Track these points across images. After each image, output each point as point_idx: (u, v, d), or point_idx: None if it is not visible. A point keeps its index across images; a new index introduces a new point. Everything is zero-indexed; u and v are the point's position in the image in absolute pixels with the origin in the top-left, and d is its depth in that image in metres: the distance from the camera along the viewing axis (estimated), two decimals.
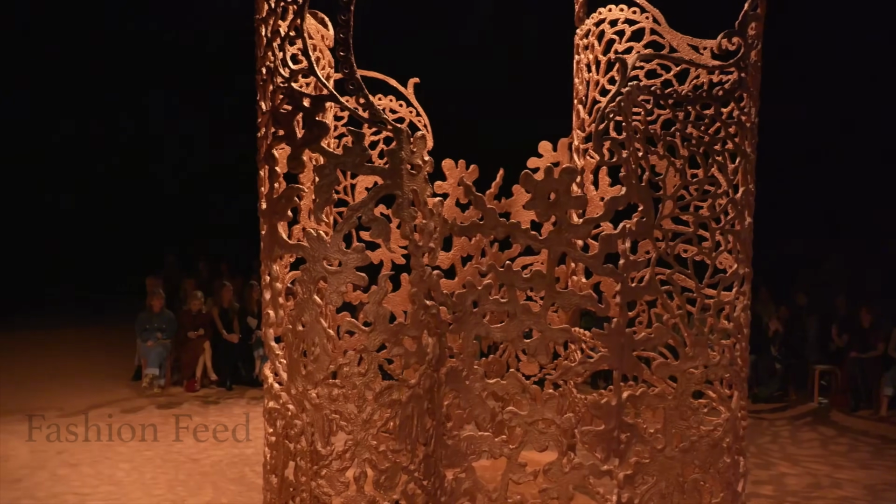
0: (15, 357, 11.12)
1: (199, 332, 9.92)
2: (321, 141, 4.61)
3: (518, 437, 5.10)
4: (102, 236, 13.70)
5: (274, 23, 4.61)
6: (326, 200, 4.69)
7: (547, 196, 4.93)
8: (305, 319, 4.82)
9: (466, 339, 5.10)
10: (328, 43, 5.95)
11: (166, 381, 9.85)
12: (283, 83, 4.59)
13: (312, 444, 4.89)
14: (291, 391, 4.96)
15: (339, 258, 4.71)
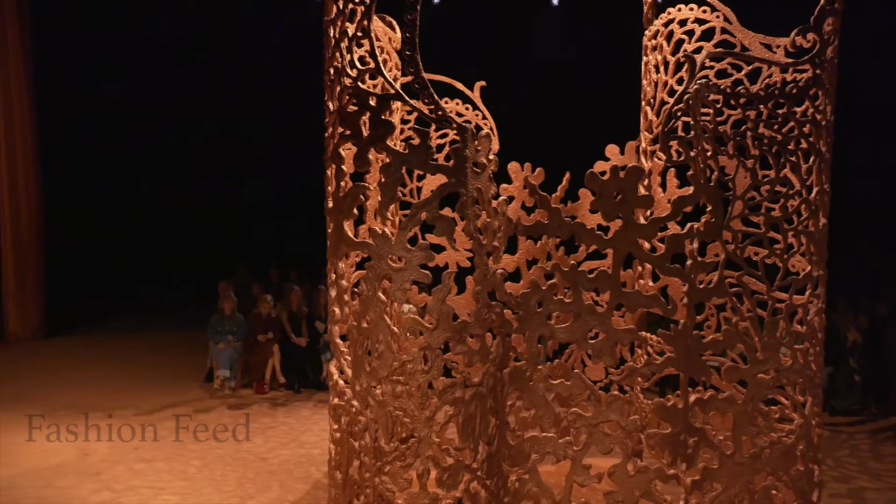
0: (97, 359, 11.53)
1: (267, 335, 10.13)
2: (387, 139, 4.68)
3: (582, 439, 5.06)
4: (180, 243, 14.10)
5: (342, 24, 4.71)
6: (392, 198, 4.76)
7: (613, 195, 4.89)
8: (370, 317, 4.88)
9: (530, 339, 5.08)
10: (395, 46, 6.04)
11: (237, 382, 10.07)
12: (350, 83, 4.68)
13: (376, 441, 4.94)
14: (356, 388, 5.02)
15: (404, 255, 4.76)
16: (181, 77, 13.67)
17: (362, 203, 4.95)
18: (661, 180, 6.74)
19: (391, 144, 4.73)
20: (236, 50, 13.46)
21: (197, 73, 13.64)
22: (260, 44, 13.47)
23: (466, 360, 4.90)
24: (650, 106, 6.80)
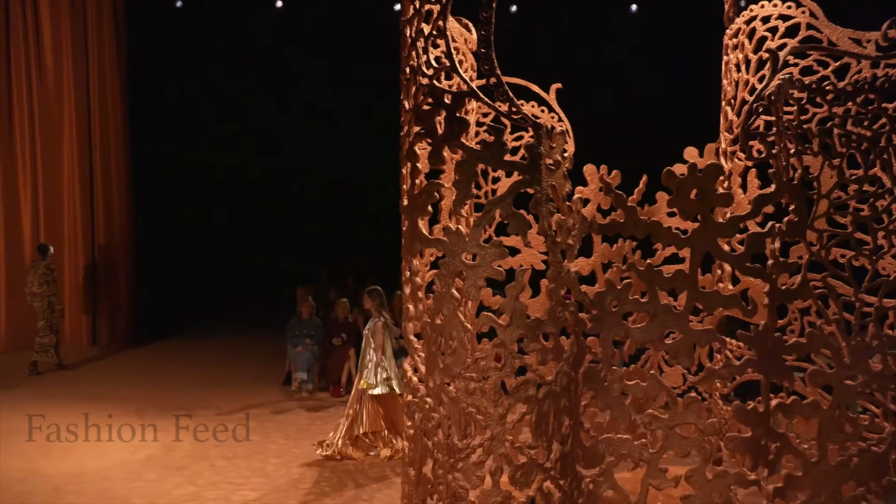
0: (181, 362, 11.91)
1: (342, 337, 10.25)
2: (461, 137, 4.71)
3: (658, 441, 4.95)
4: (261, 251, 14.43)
5: (418, 23, 4.78)
6: (466, 195, 4.78)
7: (691, 193, 4.80)
8: (444, 313, 4.91)
9: (605, 339, 5.02)
10: (471, 46, 6.08)
11: (314, 385, 10.25)
12: (426, 81, 4.74)
13: (449, 438, 4.95)
14: (429, 384, 5.05)
15: (477, 252, 4.77)
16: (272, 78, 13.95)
17: (437, 200, 4.99)
18: (742, 181, 6.57)
19: (466, 142, 4.76)
20: (325, 46, 13.70)
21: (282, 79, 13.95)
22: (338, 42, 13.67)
23: (540, 359, 4.87)
24: (730, 106, 6.65)
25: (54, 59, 12.39)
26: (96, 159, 12.87)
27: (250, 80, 14.16)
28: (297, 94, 14.08)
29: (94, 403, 9.46)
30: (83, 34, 12.53)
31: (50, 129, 12.50)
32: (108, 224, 13.04)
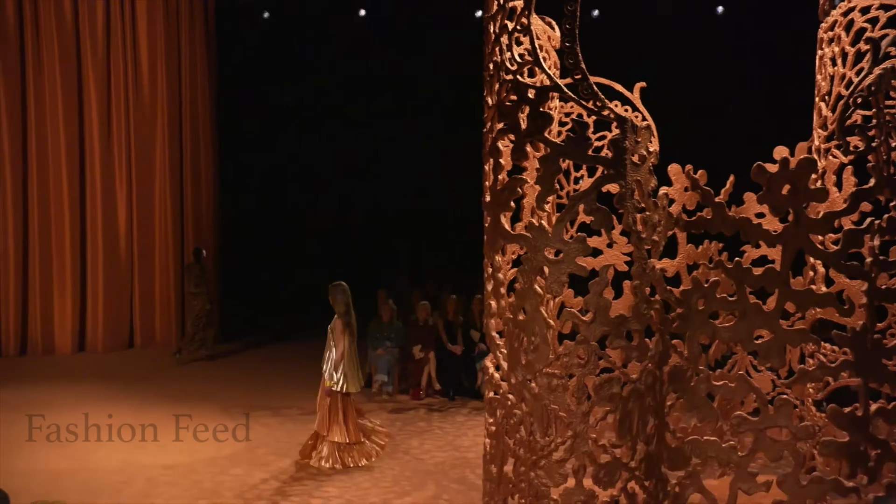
0: (265, 364, 12.16)
1: (421, 350, 10.28)
2: (545, 131, 4.69)
3: (747, 444, 4.80)
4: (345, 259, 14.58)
5: (501, 19, 4.79)
6: (549, 190, 4.75)
7: (783, 189, 4.65)
8: (526, 310, 4.88)
9: (691, 338, 4.90)
10: (554, 44, 6.06)
11: (394, 387, 10.33)
12: (509, 76, 4.74)
13: (531, 435, 4.91)
14: (511, 381, 5.02)
15: (561, 248, 4.73)
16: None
17: (519, 196, 4.98)
18: (837, 179, 6.33)
19: (549, 138, 4.74)
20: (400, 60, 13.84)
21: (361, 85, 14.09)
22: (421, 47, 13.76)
23: (624, 357, 4.79)
24: (824, 102, 6.42)
25: (149, 70, 12.90)
26: (186, 165, 13.32)
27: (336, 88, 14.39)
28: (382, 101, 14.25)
29: (178, 401, 9.75)
30: (177, 46, 13.02)
31: (143, 137, 13.00)
32: (196, 228, 13.47)
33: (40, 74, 12.21)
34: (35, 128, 12.34)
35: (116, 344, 12.96)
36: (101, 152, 12.77)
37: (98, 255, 12.82)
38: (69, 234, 12.62)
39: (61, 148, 12.46)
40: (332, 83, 14.29)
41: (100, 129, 12.71)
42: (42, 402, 9.52)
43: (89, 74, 12.52)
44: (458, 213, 12.30)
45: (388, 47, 13.89)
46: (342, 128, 14.33)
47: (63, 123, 12.43)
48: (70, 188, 12.57)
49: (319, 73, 14.26)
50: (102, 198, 12.81)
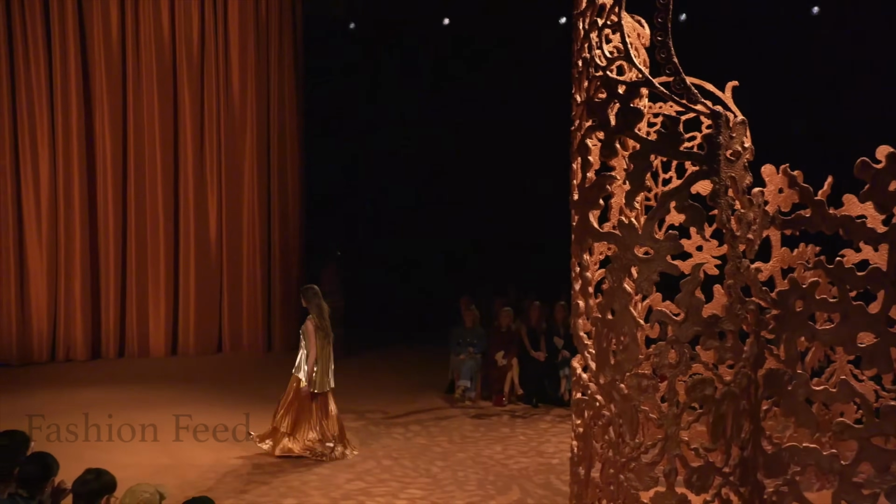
0: (350, 370, 12.23)
1: (504, 356, 10.25)
2: (635, 127, 4.63)
3: (848, 455, 4.60)
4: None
5: (591, 15, 4.77)
6: (639, 187, 4.69)
7: (889, 185, 4.46)
8: (615, 309, 4.82)
9: (789, 341, 4.74)
10: (644, 42, 5.97)
11: (476, 394, 10.32)
12: (599, 72, 4.70)
13: (620, 436, 4.83)
14: (600, 381, 4.95)
15: (651, 246, 4.66)
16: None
17: (608, 194, 4.92)
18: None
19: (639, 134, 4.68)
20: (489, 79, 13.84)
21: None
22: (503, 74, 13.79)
23: (717, 357, 4.67)
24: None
25: (240, 83, 13.31)
26: (273, 176, 13.66)
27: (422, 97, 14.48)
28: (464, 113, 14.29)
29: (269, 403, 9.94)
30: (266, 60, 13.40)
31: (233, 148, 13.38)
32: (282, 238, 13.79)
33: (139, 88, 12.72)
34: (133, 139, 12.84)
35: (207, 348, 13.35)
36: (194, 163, 13.21)
37: (190, 262, 13.25)
38: (164, 242, 13.08)
39: (157, 159, 12.95)
40: (417, 92, 14.40)
41: (193, 141, 13.16)
42: (138, 401, 9.88)
43: (184, 88, 12.99)
44: (540, 222, 12.28)
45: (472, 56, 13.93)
46: (424, 135, 14.42)
47: (159, 136, 12.91)
48: (165, 198, 13.04)
49: (404, 82, 14.40)
50: (195, 207, 13.25)
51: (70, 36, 12.11)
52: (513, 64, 13.67)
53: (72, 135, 12.36)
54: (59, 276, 12.48)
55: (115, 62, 12.53)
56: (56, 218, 12.41)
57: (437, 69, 14.26)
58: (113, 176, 12.74)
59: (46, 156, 12.27)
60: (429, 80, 14.25)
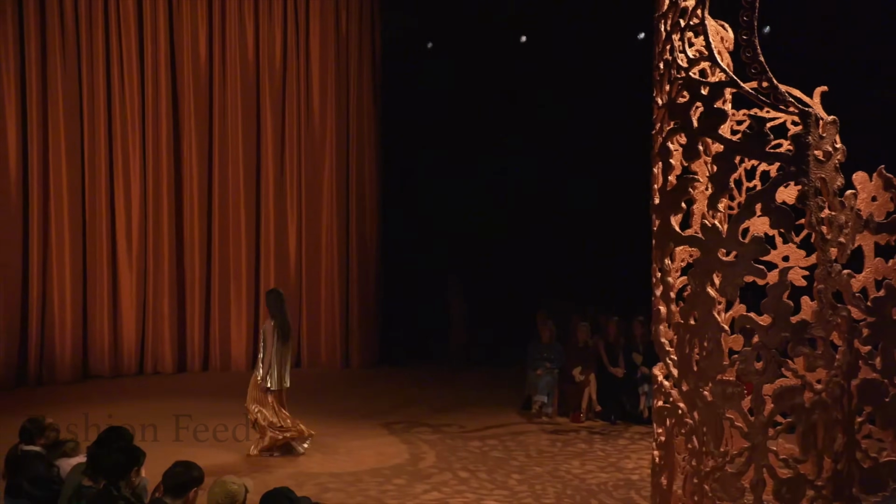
0: (426, 385, 12.31)
1: (581, 371, 10.12)
2: (718, 129, 4.55)
3: None
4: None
5: (674, 16, 4.72)
6: (723, 190, 4.59)
7: None
8: (698, 314, 4.70)
9: (886, 350, 4.55)
10: (728, 45, 5.86)
11: (553, 409, 10.19)
12: (681, 74, 4.64)
13: (704, 445, 4.69)
14: (682, 388, 4.84)
15: (736, 249, 4.54)
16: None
17: (690, 197, 4.84)
18: None
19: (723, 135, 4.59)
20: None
21: None
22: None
23: (806, 364, 4.50)
24: None
25: (320, 102, 13.63)
26: (352, 194, 13.87)
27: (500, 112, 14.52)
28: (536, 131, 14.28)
29: (346, 417, 10.09)
30: (345, 78, 13.69)
31: (313, 166, 13.67)
32: (360, 254, 13.98)
33: (224, 106, 13.13)
34: (218, 159, 13.23)
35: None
36: (275, 181, 13.54)
37: (270, 279, 13.51)
38: (245, 259, 13.40)
39: (240, 177, 13.31)
40: (494, 107, 14.43)
41: (274, 159, 13.50)
42: (219, 412, 10.12)
43: (266, 107, 13.36)
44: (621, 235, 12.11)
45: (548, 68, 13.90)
46: (506, 151, 14.42)
47: (242, 154, 13.26)
48: (247, 216, 13.38)
49: (481, 100, 14.46)
50: (275, 225, 13.56)
51: (161, 57, 12.60)
52: (591, 78, 13.58)
53: (161, 154, 12.83)
54: (148, 293, 12.89)
55: (202, 82, 12.98)
56: (145, 236, 12.84)
57: (514, 84, 14.27)
58: (199, 195, 13.14)
59: (138, 176, 12.74)
60: (505, 94, 14.26)
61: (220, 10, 12.91)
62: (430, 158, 14.59)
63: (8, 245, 11.78)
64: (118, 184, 12.64)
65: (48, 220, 12.15)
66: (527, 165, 14.39)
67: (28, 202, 11.98)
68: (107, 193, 12.58)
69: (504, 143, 14.36)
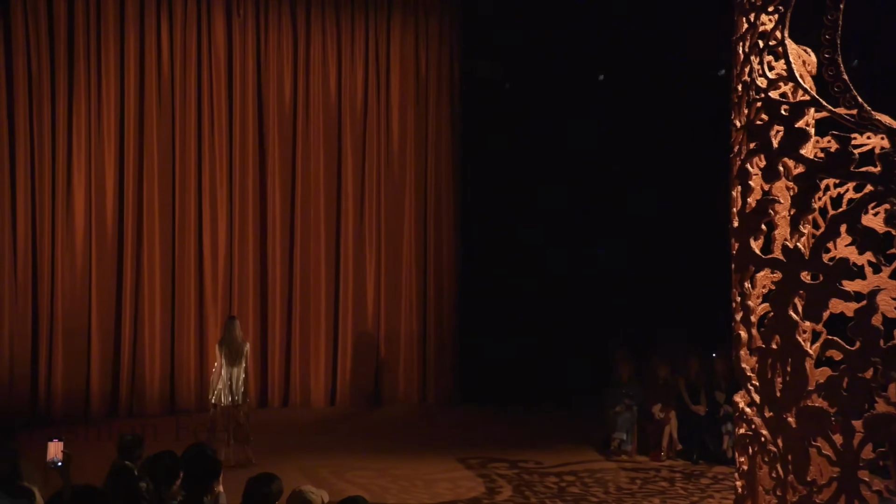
0: (504, 422, 12.23)
1: (662, 408, 9.91)
2: (800, 148, 4.49)
3: None
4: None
5: (752, 37, 4.71)
6: (805, 211, 4.50)
7: None
8: (780, 338, 4.59)
9: None
10: (810, 69, 5.79)
11: (633, 447, 9.98)
12: (760, 95, 4.61)
13: (790, 475, 4.54)
14: (765, 415, 4.70)
15: (820, 272, 4.43)
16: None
17: (770, 219, 4.76)
18: None
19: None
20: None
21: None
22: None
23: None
24: None
25: (399, 143, 13.93)
26: (430, 232, 14.04)
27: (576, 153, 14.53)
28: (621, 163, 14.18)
29: (422, 450, 10.12)
30: (424, 126, 13.98)
31: (392, 210, 13.93)
32: (437, 293, 14.09)
33: (307, 147, 13.52)
34: (301, 199, 13.59)
35: (363, 399, 13.72)
36: (355, 220, 13.80)
37: (348, 316, 13.72)
38: (325, 295, 13.61)
39: (321, 216, 13.61)
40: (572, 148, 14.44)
41: (354, 198, 13.79)
42: (300, 446, 10.29)
43: (347, 149, 13.72)
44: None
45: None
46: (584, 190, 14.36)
47: (324, 194, 13.62)
48: (327, 253, 13.62)
49: (559, 141, 14.48)
50: (354, 263, 13.80)
51: (249, 101, 13.11)
52: (669, 116, 13.49)
53: (247, 194, 13.21)
54: None
55: (286, 124, 13.42)
56: (230, 273, 13.17)
57: (593, 123, 14.25)
58: (281, 233, 13.49)
59: (224, 215, 13.15)
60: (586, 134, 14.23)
61: (305, 55, 13.38)
62: (509, 197, 14.64)
63: (104, 282, 12.31)
64: (206, 222, 13.08)
65: (140, 259, 12.58)
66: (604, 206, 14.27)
67: (122, 242, 12.46)
68: (195, 232, 13.03)
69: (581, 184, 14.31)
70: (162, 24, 12.50)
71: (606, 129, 14.13)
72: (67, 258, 12.04)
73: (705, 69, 12.48)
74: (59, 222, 12.01)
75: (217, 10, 12.86)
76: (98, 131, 12.22)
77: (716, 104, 7.69)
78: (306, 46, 13.40)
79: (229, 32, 12.94)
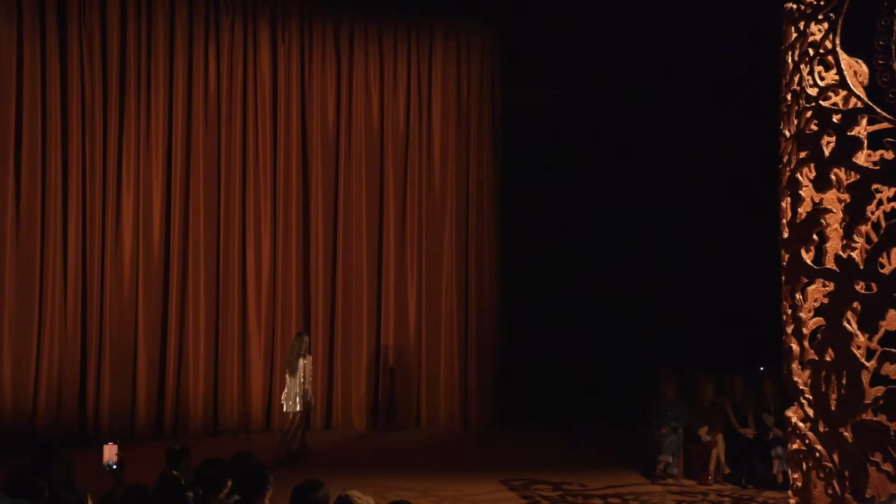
0: (546, 445, 12.08)
1: (708, 432, 9.72)
2: (853, 157, 4.42)
3: None
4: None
5: (802, 45, 4.66)
6: (859, 219, 4.43)
7: None
8: (834, 350, 4.49)
9: None
10: (861, 80, 5.72)
11: (679, 470, 9.78)
12: (811, 103, 4.56)
13: (847, 492, 4.42)
14: (819, 429, 4.59)
15: (874, 281, 4.34)
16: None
17: (821, 229, 4.68)
18: None
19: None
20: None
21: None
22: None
23: None
24: None
25: (441, 168, 14.01)
26: (471, 256, 14.06)
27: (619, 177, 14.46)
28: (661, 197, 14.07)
29: (463, 472, 10.03)
30: (465, 146, 14.05)
31: (433, 229, 13.99)
32: (478, 316, 14.05)
33: (349, 171, 13.69)
34: (343, 221, 13.73)
35: (405, 422, 13.70)
36: (396, 244, 13.89)
37: (390, 339, 13.80)
38: (367, 319, 13.70)
39: (363, 239, 13.72)
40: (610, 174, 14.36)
41: (395, 222, 13.88)
42: (342, 466, 10.28)
43: (389, 171, 13.84)
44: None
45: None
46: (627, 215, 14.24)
47: (366, 217, 13.73)
48: (369, 277, 13.71)
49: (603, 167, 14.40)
50: (395, 286, 13.85)
51: (293, 125, 13.34)
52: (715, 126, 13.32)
53: (291, 218, 13.37)
54: (276, 351, 13.23)
55: (329, 149, 13.61)
56: (274, 296, 13.27)
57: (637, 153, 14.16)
58: (324, 256, 13.61)
59: (268, 237, 13.31)
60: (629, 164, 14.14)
61: (348, 79, 13.60)
62: (549, 222, 14.60)
63: (151, 305, 12.49)
64: (249, 245, 13.24)
65: (186, 282, 12.73)
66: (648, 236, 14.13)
67: (168, 266, 12.64)
68: (239, 255, 13.19)
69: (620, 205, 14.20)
70: (209, 50, 12.79)
71: (654, 159, 14.02)
72: (115, 282, 12.26)
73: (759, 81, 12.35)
74: (109, 246, 12.23)
75: (263, 36, 13.16)
76: (147, 157, 12.47)
77: (771, 116, 7.63)
78: (349, 70, 13.62)
79: (274, 58, 13.22)
